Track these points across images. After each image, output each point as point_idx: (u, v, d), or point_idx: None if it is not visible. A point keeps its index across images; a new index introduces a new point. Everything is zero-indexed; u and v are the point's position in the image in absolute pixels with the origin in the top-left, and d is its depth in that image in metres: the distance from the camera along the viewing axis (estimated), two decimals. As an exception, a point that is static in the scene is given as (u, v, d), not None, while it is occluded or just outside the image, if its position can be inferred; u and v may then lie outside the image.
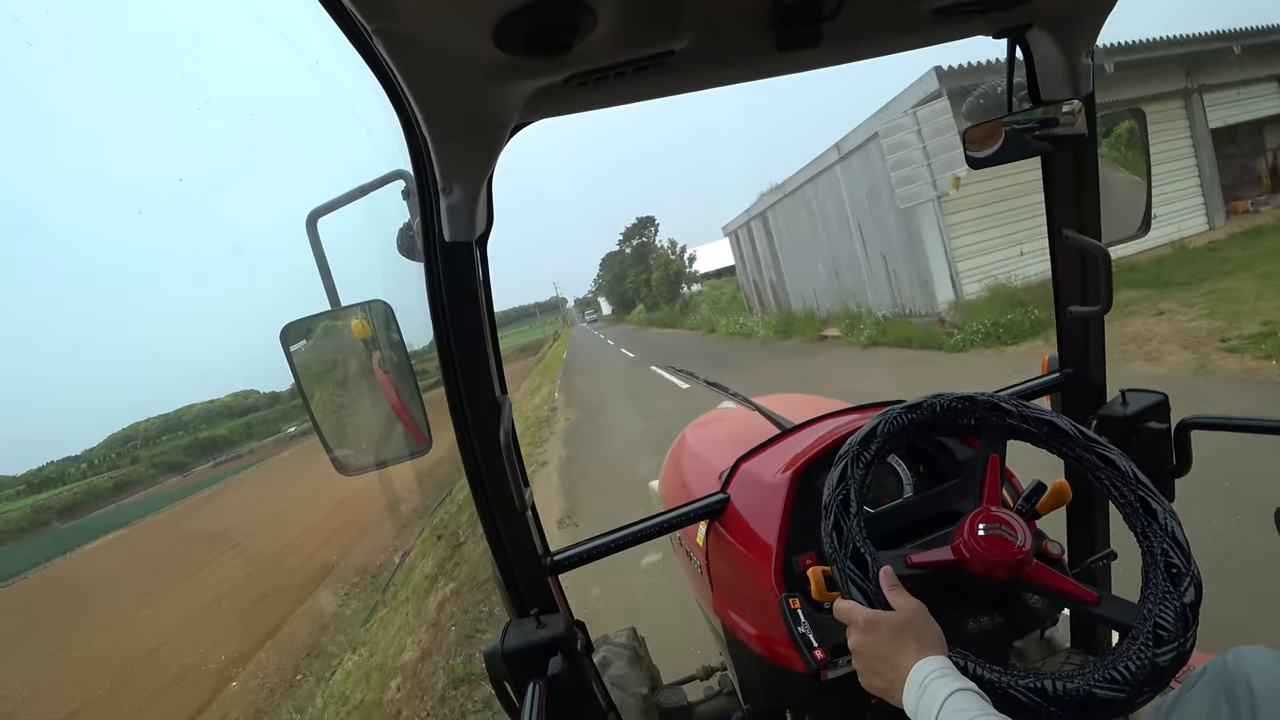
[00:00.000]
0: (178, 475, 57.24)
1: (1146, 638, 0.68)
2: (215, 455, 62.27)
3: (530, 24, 0.57)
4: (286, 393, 78.23)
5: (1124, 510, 0.79)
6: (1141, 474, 0.79)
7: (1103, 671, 0.66)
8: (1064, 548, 0.84)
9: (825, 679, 0.94)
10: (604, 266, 62.54)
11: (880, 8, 0.76)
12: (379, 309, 0.88)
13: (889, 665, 0.66)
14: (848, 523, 0.79)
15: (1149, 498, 0.77)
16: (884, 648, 0.67)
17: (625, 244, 48.92)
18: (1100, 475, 0.81)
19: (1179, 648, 0.67)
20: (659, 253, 42.40)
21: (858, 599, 0.73)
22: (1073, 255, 1.12)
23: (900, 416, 0.88)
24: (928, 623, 0.68)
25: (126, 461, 64.65)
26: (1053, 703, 0.64)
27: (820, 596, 0.83)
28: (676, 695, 1.61)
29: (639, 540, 1.13)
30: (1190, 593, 0.70)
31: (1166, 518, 0.75)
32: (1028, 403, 0.89)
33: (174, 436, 72.71)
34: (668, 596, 3.23)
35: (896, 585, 0.72)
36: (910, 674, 0.63)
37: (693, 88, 0.84)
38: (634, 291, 48.87)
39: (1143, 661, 0.66)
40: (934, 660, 0.63)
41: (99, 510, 47.40)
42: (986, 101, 1.03)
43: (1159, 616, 0.69)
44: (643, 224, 47.55)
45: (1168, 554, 0.73)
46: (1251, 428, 1.02)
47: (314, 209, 0.81)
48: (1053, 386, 1.22)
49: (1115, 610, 0.74)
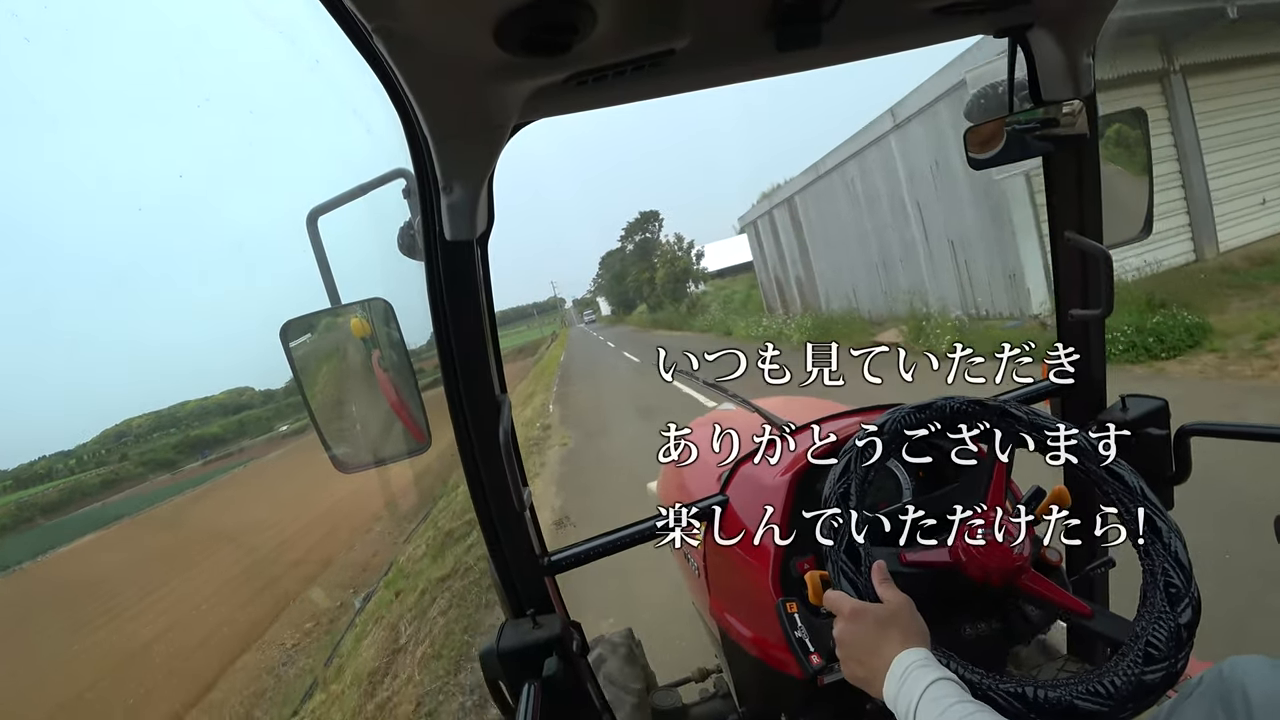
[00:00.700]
0: (167, 473, 55.66)
1: (1136, 655, 0.68)
2: (206, 453, 60.88)
3: (530, 23, 0.57)
4: (281, 390, 77.43)
5: (1128, 526, 0.78)
6: (1149, 490, 0.78)
7: (1087, 684, 0.66)
8: (1062, 554, 0.84)
9: (821, 683, 0.93)
10: (604, 265, 59.69)
11: (880, 7, 0.75)
12: (379, 307, 0.88)
13: (872, 655, 0.66)
14: (846, 516, 0.79)
15: (1155, 516, 0.76)
16: (868, 638, 0.67)
17: (627, 240, 45.68)
18: (1106, 489, 0.81)
19: (1169, 668, 0.67)
20: (664, 249, 39.12)
21: (847, 590, 0.74)
22: (1074, 257, 1.11)
23: (908, 416, 0.88)
24: (913, 617, 0.68)
25: (115, 458, 63.40)
26: (1032, 709, 0.64)
27: (818, 601, 0.83)
28: (671, 697, 1.61)
29: (636, 542, 1.13)
30: (1187, 614, 0.70)
31: (1171, 537, 0.74)
32: (1035, 409, 0.88)
33: (165, 433, 71.67)
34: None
35: (887, 579, 0.72)
36: (892, 664, 0.63)
37: (693, 87, 0.84)
38: (636, 291, 46.00)
39: (1129, 678, 0.66)
40: (916, 651, 0.63)
41: (83, 509, 45.71)
42: (987, 102, 1.02)
43: (1151, 635, 0.68)
44: (646, 219, 44.34)
45: (1168, 574, 0.72)
46: (1251, 435, 1.02)
47: (314, 207, 0.81)
48: (1053, 391, 1.21)
49: (1108, 625, 0.73)
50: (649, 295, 41.03)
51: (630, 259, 45.56)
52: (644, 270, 41.64)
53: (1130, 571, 0.83)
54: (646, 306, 44.63)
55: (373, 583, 6.39)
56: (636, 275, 43.75)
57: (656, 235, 43.29)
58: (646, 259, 42.15)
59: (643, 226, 44.67)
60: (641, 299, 45.68)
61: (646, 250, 42.95)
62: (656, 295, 38.80)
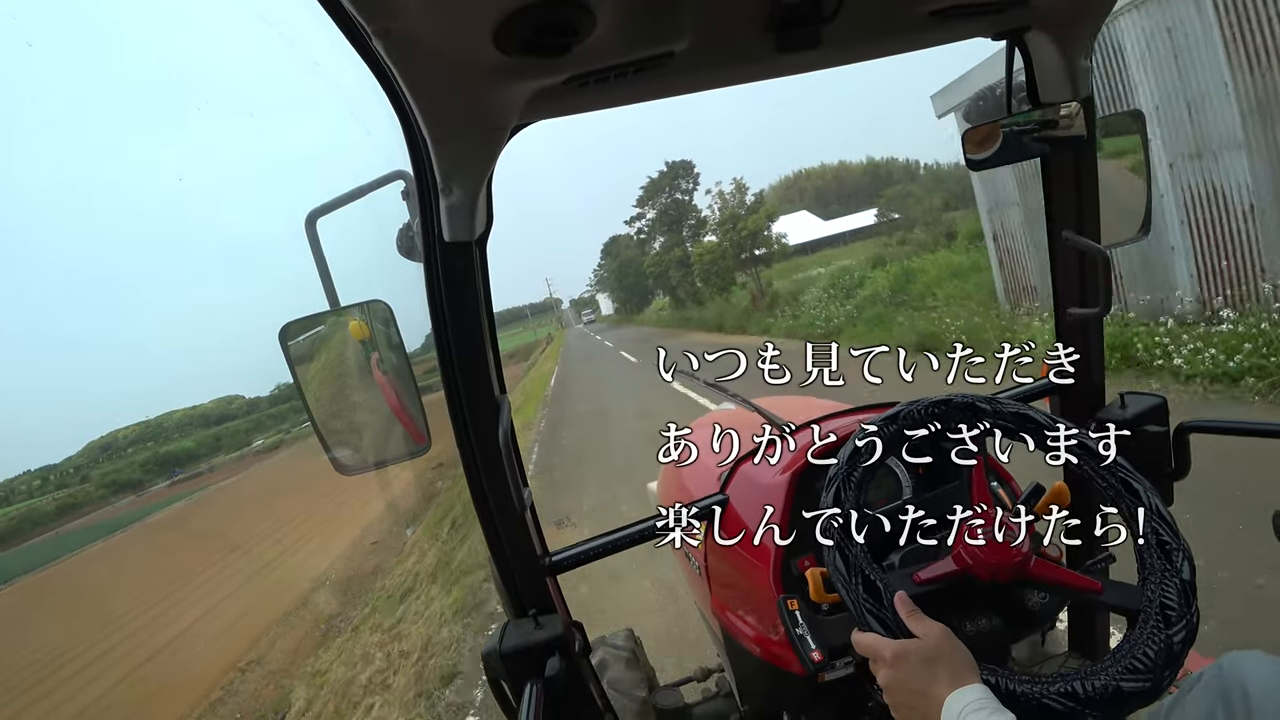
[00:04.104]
0: (132, 494, 52.61)
1: (1157, 620, 0.68)
2: (176, 472, 58.12)
3: (529, 25, 0.57)
4: (265, 399, 75.61)
5: (1108, 494, 0.79)
6: (1120, 457, 0.79)
7: (1123, 662, 0.66)
8: (1063, 551, 0.84)
9: (822, 681, 0.93)
10: (607, 254, 49.90)
11: (879, 10, 0.76)
12: (378, 309, 0.88)
13: (923, 699, 0.63)
14: (852, 549, 0.76)
15: (1128, 477, 0.77)
16: (916, 681, 0.64)
17: (646, 205, 30.97)
18: (1083, 464, 0.81)
19: (1188, 624, 0.67)
20: (727, 203, 22.20)
21: (877, 629, 0.71)
22: (1072, 257, 1.12)
23: (908, 415, 0.87)
24: (956, 648, 0.66)
25: (76, 480, 59.48)
26: (1085, 704, 0.64)
27: (819, 598, 0.83)
28: (674, 696, 1.61)
29: (637, 541, 1.13)
30: (1186, 568, 0.70)
31: (1148, 495, 0.75)
32: (1001, 399, 0.88)
33: (142, 447, 69.48)
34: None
35: (915, 611, 0.70)
36: (945, 705, 0.61)
37: (692, 89, 0.84)
38: (657, 278, 33.09)
39: (1159, 645, 0.66)
40: (971, 690, 0.61)
41: (29, 541, 41.35)
42: (985, 103, 1.03)
43: (1164, 595, 0.69)
44: (674, 173, 29.62)
45: (1158, 531, 0.73)
46: (1250, 431, 1.02)
47: (313, 209, 0.81)
48: (1051, 389, 1.22)
49: (1120, 596, 0.74)
50: (679, 282, 28.42)
51: (647, 237, 32.66)
52: (673, 247, 29.59)
53: (1126, 571, 0.83)
54: (669, 300, 33.14)
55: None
56: (659, 256, 31.22)
57: (690, 196, 29.57)
58: (675, 231, 29.83)
59: (667, 185, 29.91)
60: (666, 289, 32.98)
61: (676, 218, 29.67)
62: (689, 282, 26.89)
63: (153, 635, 9.46)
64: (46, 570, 26.14)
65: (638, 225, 32.37)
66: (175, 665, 7.82)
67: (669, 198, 29.90)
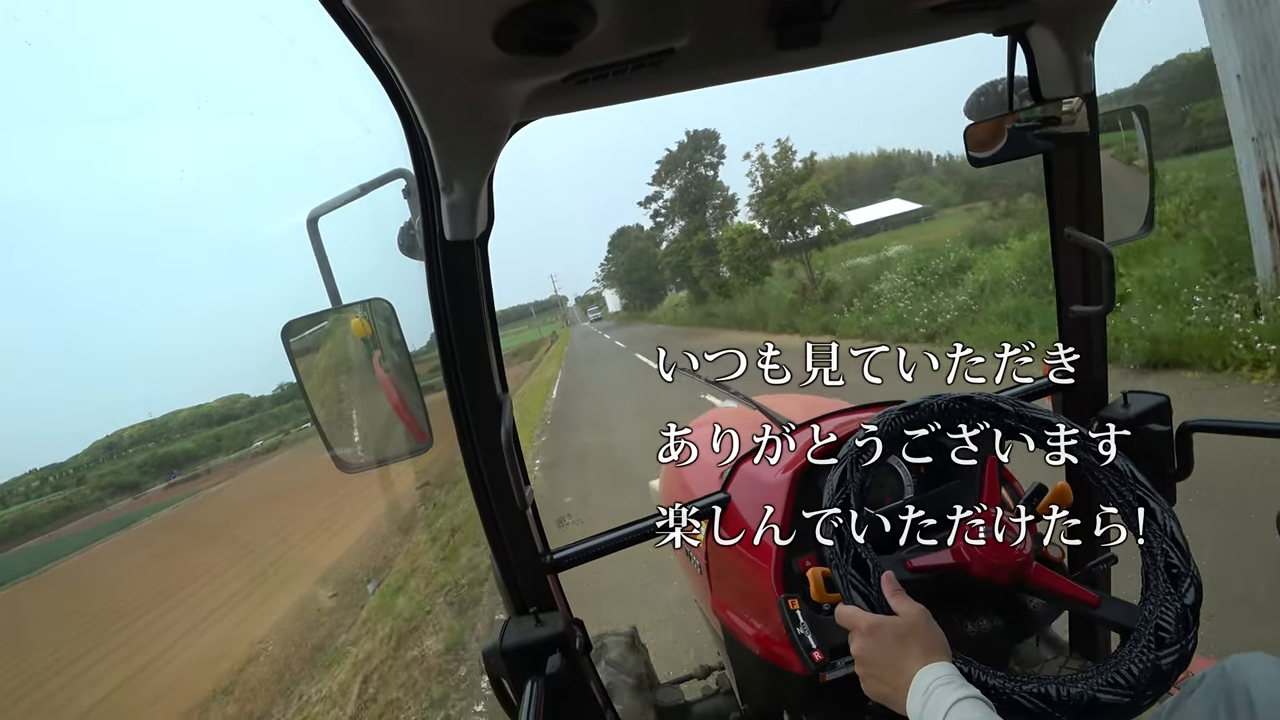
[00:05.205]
0: (129, 497, 51.18)
1: (1148, 640, 0.68)
2: (174, 473, 56.83)
3: (530, 23, 0.57)
4: (269, 398, 75.05)
5: (1121, 510, 0.79)
6: (1139, 473, 0.79)
7: (1106, 675, 0.66)
8: (1064, 551, 0.84)
9: (823, 680, 0.93)
10: (614, 247, 46.28)
11: (879, 6, 0.75)
12: (380, 307, 0.89)
13: (892, 671, 0.65)
14: (848, 528, 0.78)
15: (1147, 497, 0.77)
16: (887, 653, 0.66)
17: (663, 184, 26.12)
18: (1097, 475, 0.81)
19: (1181, 650, 0.67)
20: (770, 171, 16.83)
21: (860, 604, 0.73)
22: (1075, 254, 1.11)
23: (898, 418, 0.88)
24: (931, 628, 0.67)
25: (72, 482, 58.38)
26: (1057, 708, 0.64)
27: (820, 598, 0.83)
28: (674, 694, 1.61)
29: (639, 539, 1.13)
30: (1190, 594, 0.70)
31: (1165, 517, 0.75)
32: (1025, 403, 0.89)
33: (143, 448, 68.75)
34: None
35: (899, 590, 0.72)
36: (914, 680, 0.62)
37: (693, 85, 0.84)
38: (677, 268, 27.86)
39: (1145, 665, 0.66)
40: (939, 667, 0.62)
41: (20, 546, 39.56)
42: (988, 99, 1.02)
43: (1160, 619, 0.69)
44: (696, 143, 25.11)
45: (1167, 554, 0.73)
46: (1253, 430, 1.02)
47: (314, 208, 0.82)
48: (1054, 388, 1.22)
49: (1115, 612, 0.74)
50: (702, 273, 23.61)
51: (664, 221, 27.71)
52: (694, 231, 24.65)
53: (1131, 569, 0.83)
54: (688, 293, 28.25)
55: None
56: (678, 243, 26.29)
57: (715, 171, 25.07)
58: (697, 212, 25.04)
59: (688, 158, 25.28)
60: (686, 281, 27.70)
61: (699, 196, 25.10)
62: (715, 272, 22.50)
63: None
64: (30, 579, 24.57)
65: (653, 207, 27.44)
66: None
67: (690, 173, 25.27)
